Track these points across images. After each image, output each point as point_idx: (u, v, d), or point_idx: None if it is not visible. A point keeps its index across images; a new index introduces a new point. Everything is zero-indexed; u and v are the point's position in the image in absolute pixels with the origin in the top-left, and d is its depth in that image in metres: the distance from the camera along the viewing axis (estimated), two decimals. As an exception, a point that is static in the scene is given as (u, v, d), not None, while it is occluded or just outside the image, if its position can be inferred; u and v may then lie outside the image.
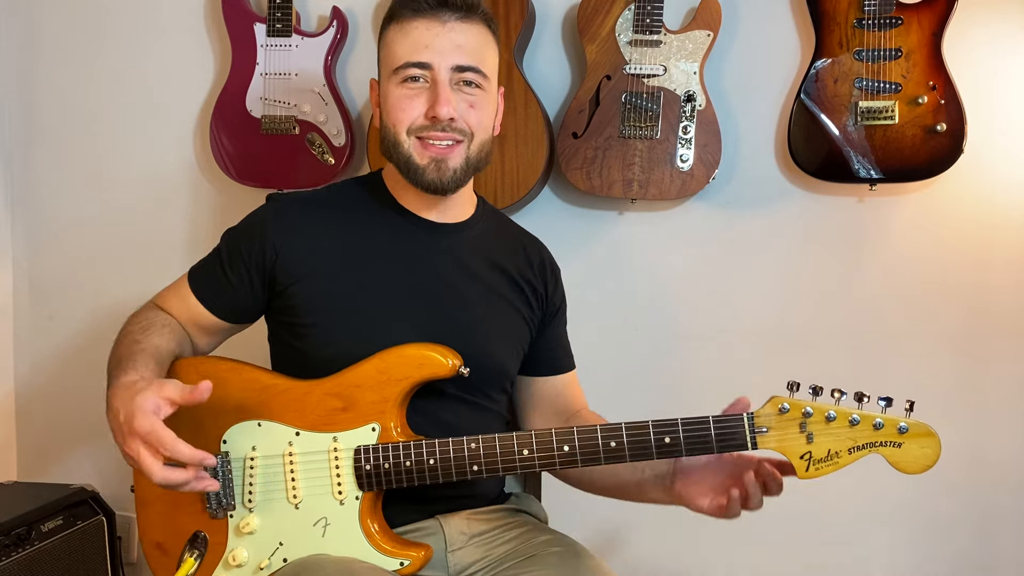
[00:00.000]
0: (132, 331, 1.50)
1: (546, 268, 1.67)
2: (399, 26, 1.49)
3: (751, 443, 1.34)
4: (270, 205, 1.58)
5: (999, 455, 2.07)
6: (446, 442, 1.40)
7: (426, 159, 1.49)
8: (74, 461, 2.56)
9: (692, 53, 2.04)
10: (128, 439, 1.29)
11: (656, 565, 2.25)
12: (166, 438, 1.27)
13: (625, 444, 1.36)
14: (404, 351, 1.45)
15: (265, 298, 1.55)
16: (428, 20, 1.47)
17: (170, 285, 1.61)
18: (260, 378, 1.49)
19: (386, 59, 1.52)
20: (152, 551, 1.52)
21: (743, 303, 2.17)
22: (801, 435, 1.33)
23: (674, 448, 1.35)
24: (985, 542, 2.09)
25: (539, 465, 1.39)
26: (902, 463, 1.31)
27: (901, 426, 1.30)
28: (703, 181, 2.05)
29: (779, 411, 1.33)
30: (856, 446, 1.31)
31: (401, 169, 1.52)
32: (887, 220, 2.09)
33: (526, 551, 1.49)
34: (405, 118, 1.48)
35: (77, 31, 2.49)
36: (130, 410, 1.28)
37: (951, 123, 1.92)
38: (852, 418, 1.31)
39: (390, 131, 1.51)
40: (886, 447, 1.31)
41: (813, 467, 1.32)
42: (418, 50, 1.47)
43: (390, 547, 1.41)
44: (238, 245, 1.54)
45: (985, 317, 2.06)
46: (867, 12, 1.95)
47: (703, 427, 1.35)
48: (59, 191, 2.53)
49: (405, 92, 1.48)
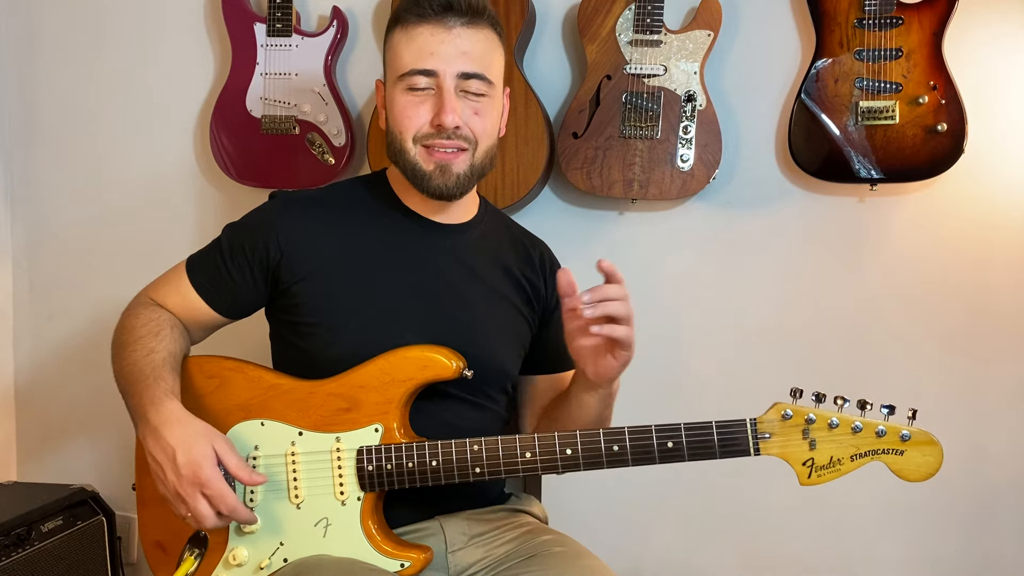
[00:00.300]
0: (142, 335, 1.49)
1: (545, 266, 1.67)
2: (404, 31, 1.49)
3: (753, 449, 1.34)
4: (275, 202, 1.57)
5: (999, 455, 2.07)
6: (448, 444, 1.40)
7: (432, 165, 1.49)
8: (74, 461, 2.56)
9: (692, 53, 2.04)
10: (187, 485, 1.34)
11: (658, 565, 2.25)
12: (230, 499, 1.35)
13: (628, 448, 1.36)
14: (408, 352, 1.45)
15: (267, 295, 1.55)
16: (433, 26, 1.46)
17: (164, 277, 1.60)
18: (264, 377, 1.50)
19: (391, 64, 1.51)
20: (152, 550, 1.52)
21: (743, 303, 2.17)
22: (804, 442, 1.33)
23: (676, 452, 1.35)
24: (985, 542, 2.09)
25: (541, 468, 1.39)
26: (904, 471, 1.32)
27: (903, 434, 1.31)
28: (703, 181, 2.05)
29: (782, 417, 1.34)
30: (858, 453, 1.32)
31: (407, 175, 1.52)
32: (888, 220, 2.09)
33: (527, 551, 1.49)
34: (411, 126, 1.48)
35: (77, 31, 2.49)
36: (194, 458, 1.33)
37: (952, 123, 1.92)
38: (855, 425, 1.32)
39: (396, 137, 1.50)
40: (888, 455, 1.31)
41: (815, 474, 1.33)
42: (423, 57, 1.46)
43: (391, 548, 1.42)
44: (241, 242, 1.53)
45: (986, 317, 2.06)
46: (868, 12, 1.95)
47: (706, 432, 1.35)
48: (59, 191, 2.53)
49: (410, 99, 1.48)
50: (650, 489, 2.24)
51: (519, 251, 1.65)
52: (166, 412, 1.37)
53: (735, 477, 2.16)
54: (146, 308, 1.56)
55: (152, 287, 1.60)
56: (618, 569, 1.49)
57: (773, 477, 2.13)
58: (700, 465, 2.15)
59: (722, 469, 2.16)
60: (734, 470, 2.15)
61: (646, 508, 2.24)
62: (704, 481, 2.20)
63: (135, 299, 1.60)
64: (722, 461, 2.12)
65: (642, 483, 2.23)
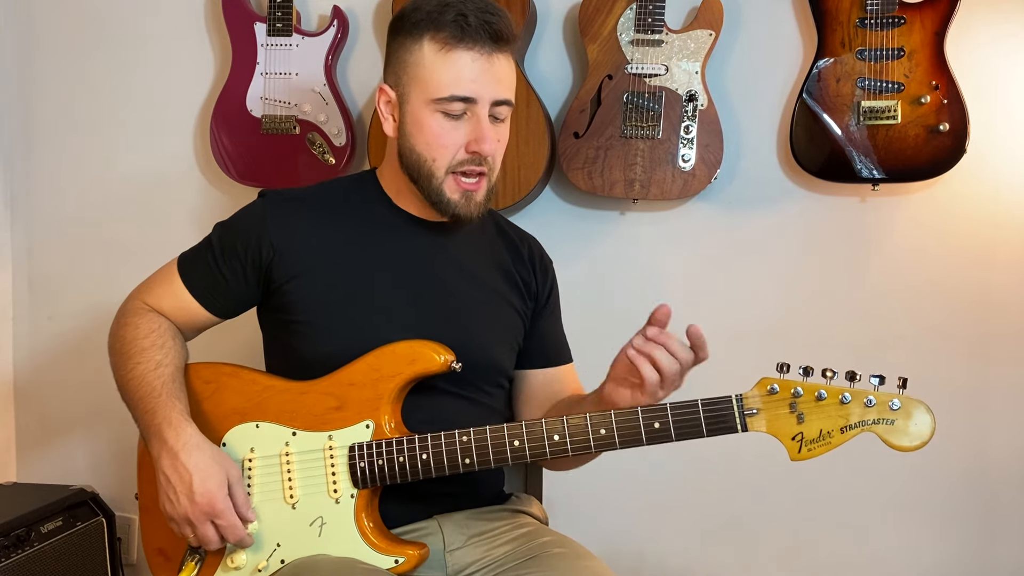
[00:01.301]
0: (145, 347, 1.50)
1: (535, 259, 1.67)
2: (442, 51, 1.44)
3: (741, 425, 1.32)
4: (264, 201, 1.56)
5: (1004, 453, 2.07)
6: (438, 436, 1.40)
7: (457, 195, 1.48)
8: (73, 462, 2.56)
9: (694, 52, 2.04)
10: (199, 513, 1.39)
11: (659, 566, 2.24)
12: (239, 531, 1.41)
13: (615, 431, 1.35)
14: (396, 348, 1.45)
15: (259, 294, 1.55)
16: (475, 51, 1.43)
17: (156, 279, 1.58)
18: (258, 380, 1.50)
19: (422, 82, 1.46)
20: (154, 557, 1.54)
21: (745, 303, 2.16)
22: (791, 415, 1.30)
23: (663, 433, 1.34)
24: (989, 540, 2.08)
25: (530, 456, 1.38)
26: (895, 440, 1.28)
27: (893, 403, 1.27)
28: (705, 181, 2.04)
29: (768, 392, 1.31)
30: (848, 425, 1.29)
31: (427, 196, 1.50)
32: (889, 220, 2.09)
33: (527, 552, 1.49)
34: (447, 154, 1.46)
35: (77, 31, 2.48)
36: (210, 488, 1.38)
37: (954, 123, 1.92)
38: (843, 396, 1.28)
39: (425, 161, 1.47)
40: (879, 424, 1.28)
41: (805, 448, 1.30)
42: (463, 84, 1.43)
43: (385, 545, 1.42)
44: (233, 242, 1.53)
45: (988, 316, 2.05)
46: (869, 11, 1.95)
47: (692, 411, 1.34)
48: (59, 191, 2.53)
49: (445, 126, 1.45)
50: (652, 491, 2.23)
51: (509, 246, 1.65)
52: (185, 436, 1.41)
53: (736, 478, 2.16)
54: (144, 317, 1.55)
55: (145, 290, 1.59)
56: (619, 571, 1.48)
57: (775, 477, 2.14)
58: (701, 466, 2.17)
59: (723, 470, 2.17)
60: (735, 471, 2.16)
61: (647, 509, 2.23)
62: (705, 483, 2.20)
63: (129, 304, 1.58)
64: (722, 460, 2.14)
65: (643, 485, 2.23)
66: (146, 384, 1.46)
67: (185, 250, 1.60)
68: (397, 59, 1.50)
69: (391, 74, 1.52)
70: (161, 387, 1.45)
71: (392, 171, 1.56)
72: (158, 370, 1.47)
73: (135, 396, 1.47)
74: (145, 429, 1.45)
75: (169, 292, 1.56)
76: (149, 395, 1.45)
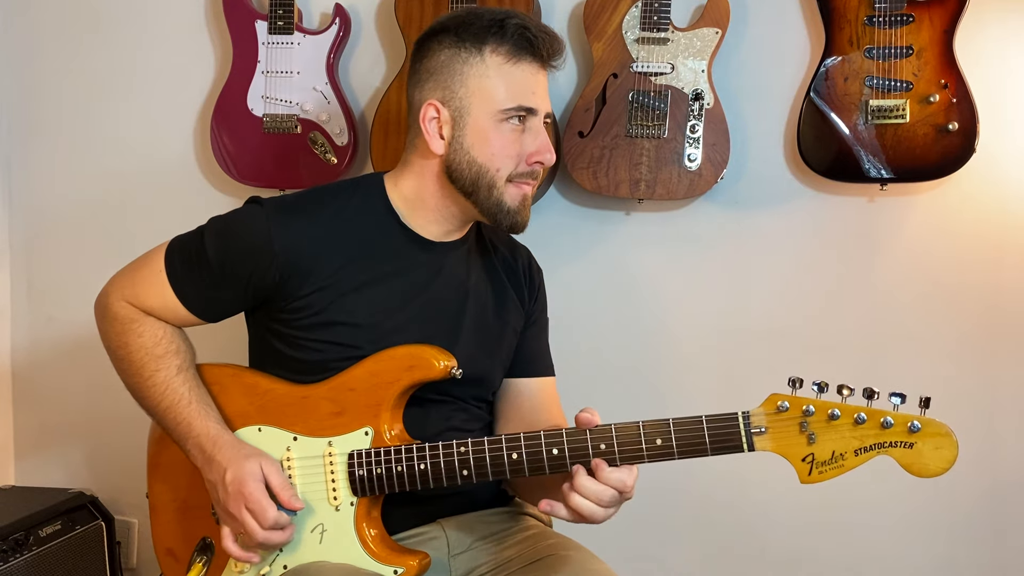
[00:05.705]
0: (160, 355, 1.49)
1: (530, 273, 1.67)
2: (508, 60, 1.45)
3: (747, 444, 1.27)
4: (267, 216, 1.48)
5: (1013, 456, 2.05)
6: (436, 446, 1.38)
7: (517, 202, 1.48)
8: (73, 465, 2.55)
9: (700, 51, 2.02)
10: (233, 501, 1.39)
11: (663, 572, 2.23)
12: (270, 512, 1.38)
13: (615, 445, 1.32)
14: (395, 352, 1.44)
15: (257, 304, 1.51)
16: (536, 65, 1.47)
17: (141, 277, 1.52)
18: (260, 383, 1.50)
19: (485, 90, 1.45)
20: (164, 557, 1.55)
21: (752, 304, 2.15)
22: (802, 435, 1.24)
23: (666, 450, 1.30)
24: (997, 544, 2.07)
25: (528, 469, 1.35)
26: (914, 466, 1.20)
27: (913, 424, 1.19)
28: (711, 181, 2.03)
29: (777, 409, 1.24)
30: (863, 447, 1.21)
31: (483, 208, 1.48)
32: (898, 220, 2.07)
33: (532, 555, 1.48)
34: (511, 164, 1.47)
35: (77, 29, 2.47)
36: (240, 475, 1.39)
37: (963, 122, 1.90)
38: (858, 416, 1.21)
39: (486, 172, 1.46)
40: (896, 448, 1.20)
41: (816, 471, 1.23)
42: (527, 95, 1.46)
43: (386, 554, 1.40)
44: (234, 260, 1.47)
45: (998, 317, 2.04)
46: (878, 9, 1.93)
47: (696, 428, 1.30)
48: (59, 191, 2.52)
49: (511, 136, 1.46)
50: (655, 495, 2.21)
51: (504, 261, 1.65)
52: (223, 441, 1.43)
53: (742, 484, 2.15)
54: (144, 324, 1.50)
55: (127, 285, 1.53)
56: (623, 573, 1.46)
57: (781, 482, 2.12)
58: (707, 473, 2.15)
59: (729, 479, 2.16)
60: (740, 477, 2.14)
61: (652, 514, 2.22)
62: (709, 488, 2.18)
63: (114, 303, 1.52)
64: (727, 468, 2.12)
65: (647, 489, 2.20)
66: (172, 392, 1.47)
67: (171, 243, 1.53)
68: (448, 71, 1.47)
69: (438, 88, 1.47)
70: (188, 392, 1.47)
71: (418, 185, 1.52)
72: (180, 375, 1.49)
73: (161, 404, 1.48)
74: (181, 439, 1.46)
75: (155, 293, 1.50)
76: (178, 403, 1.46)
